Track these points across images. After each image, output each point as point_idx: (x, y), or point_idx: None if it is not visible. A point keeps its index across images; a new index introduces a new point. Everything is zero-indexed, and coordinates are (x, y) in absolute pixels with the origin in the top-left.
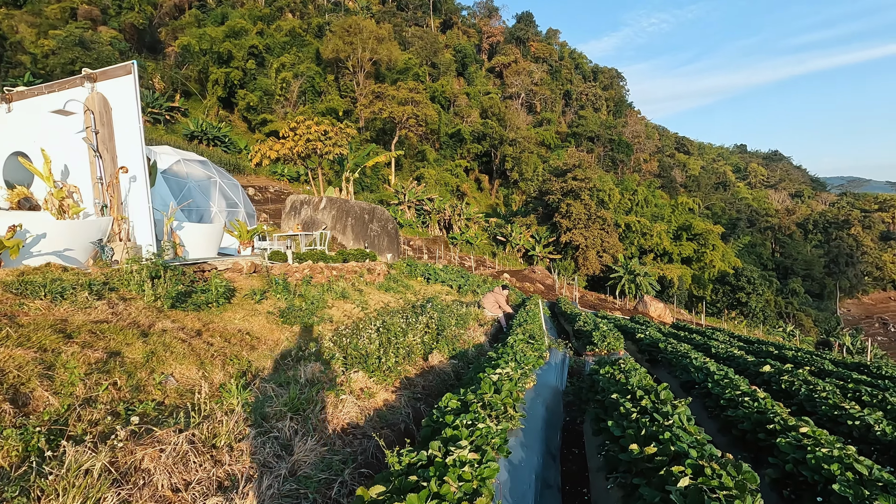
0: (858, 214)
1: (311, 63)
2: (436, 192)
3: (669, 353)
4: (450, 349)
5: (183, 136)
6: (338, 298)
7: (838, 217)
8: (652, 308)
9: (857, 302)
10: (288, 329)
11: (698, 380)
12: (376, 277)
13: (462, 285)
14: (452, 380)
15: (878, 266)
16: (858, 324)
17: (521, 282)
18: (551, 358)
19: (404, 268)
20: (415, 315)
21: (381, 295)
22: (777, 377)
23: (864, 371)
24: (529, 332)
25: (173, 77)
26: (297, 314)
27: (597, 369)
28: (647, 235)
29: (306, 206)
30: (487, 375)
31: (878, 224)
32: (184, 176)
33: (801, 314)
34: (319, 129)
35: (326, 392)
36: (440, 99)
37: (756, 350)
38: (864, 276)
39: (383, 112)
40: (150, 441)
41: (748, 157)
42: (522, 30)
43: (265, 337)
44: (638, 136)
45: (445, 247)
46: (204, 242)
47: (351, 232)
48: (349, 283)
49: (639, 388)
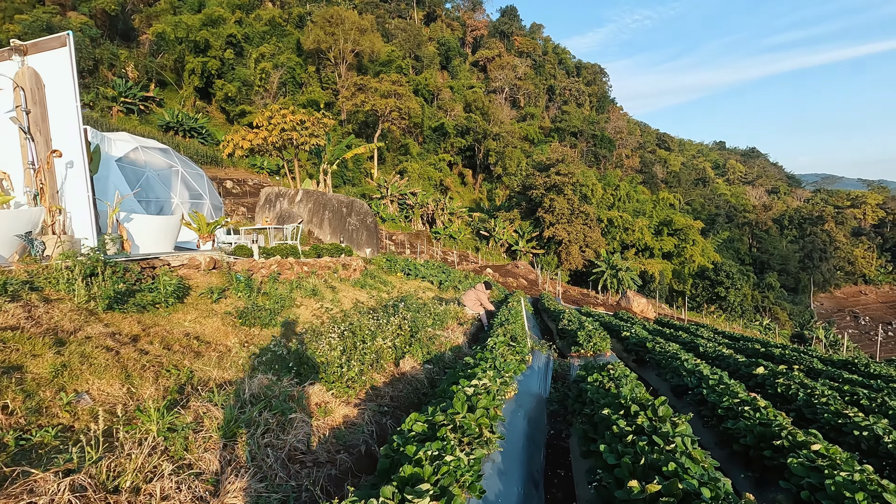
0: (832, 211)
1: (292, 54)
2: (419, 186)
3: (658, 354)
4: (424, 353)
5: (158, 126)
6: (307, 296)
7: (812, 213)
8: (635, 303)
9: (829, 296)
10: (246, 332)
11: (691, 385)
12: (352, 273)
13: (443, 281)
14: (426, 387)
15: (850, 261)
16: (831, 317)
17: (505, 277)
18: (534, 361)
19: (384, 263)
20: (386, 315)
21: (356, 292)
22: (772, 380)
23: (852, 369)
24: (511, 332)
25: (148, 66)
26: (259, 315)
27: (584, 376)
28: (629, 230)
29: (281, 199)
30: (461, 389)
31: (850, 220)
32: (142, 164)
33: (777, 308)
34: (295, 119)
35: (273, 411)
36: (423, 92)
37: (742, 348)
38: (837, 271)
39: (365, 105)
40: (21, 490)
41: (727, 154)
42: (506, 24)
43: (218, 341)
44: (620, 131)
45: (428, 241)
46: (157, 236)
47: (328, 226)
48: (322, 279)
49: (633, 401)
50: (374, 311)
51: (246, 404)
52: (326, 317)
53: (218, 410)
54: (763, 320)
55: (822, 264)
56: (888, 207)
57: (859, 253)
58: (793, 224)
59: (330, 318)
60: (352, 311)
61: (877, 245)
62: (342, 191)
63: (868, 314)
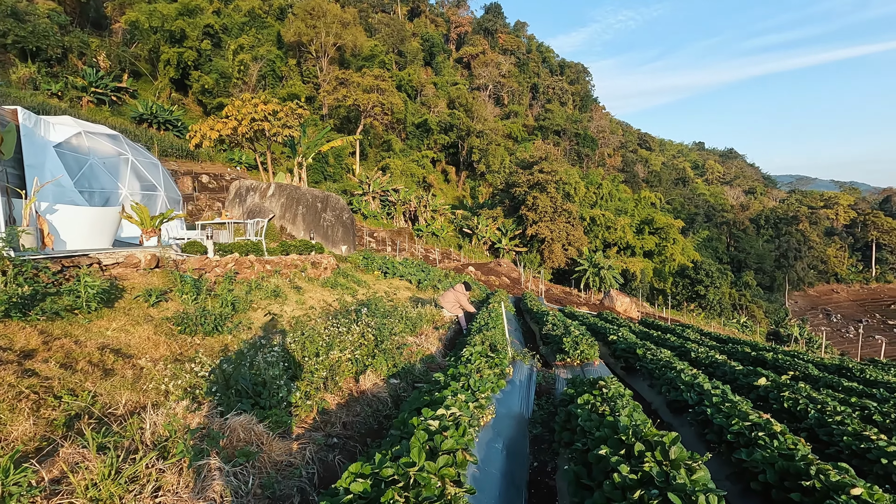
0: (806, 211)
1: (272, 46)
2: (401, 182)
3: (650, 363)
4: (390, 365)
5: (131, 118)
6: (267, 298)
7: (788, 213)
8: (618, 303)
9: (803, 294)
10: (184, 341)
11: (691, 401)
12: (322, 272)
13: (422, 280)
14: (389, 408)
15: (823, 260)
16: (805, 314)
17: (487, 275)
18: (515, 374)
19: (360, 261)
20: (348, 322)
21: (325, 293)
22: (777, 393)
23: (848, 375)
24: (490, 339)
25: (121, 56)
26: (204, 320)
27: (572, 395)
28: (612, 229)
29: (252, 193)
30: (423, 423)
31: (823, 220)
32: (85, 151)
33: (754, 306)
34: (267, 109)
35: (174, 456)
36: (407, 88)
37: (731, 351)
38: (811, 270)
39: (347, 99)
40: None
41: (706, 155)
42: (491, 21)
43: (144, 354)
44: (603, 130)
45: (410, 239)
46: (90, 230)
47: (302, 221)
48: (286, 279)
49: (636, 436)
50: (339, 316)
51: (140, 448)
52: (286, 321)
53: (96, 461)
54: (740, 318)
55: (796, 263)
56: (859, 208)
57: (832, 252)
58: (769, 224)
59: (292, 322)
60: (318, 314)
61: (848, 245)
62: (323, 186)
63: (840, 312)
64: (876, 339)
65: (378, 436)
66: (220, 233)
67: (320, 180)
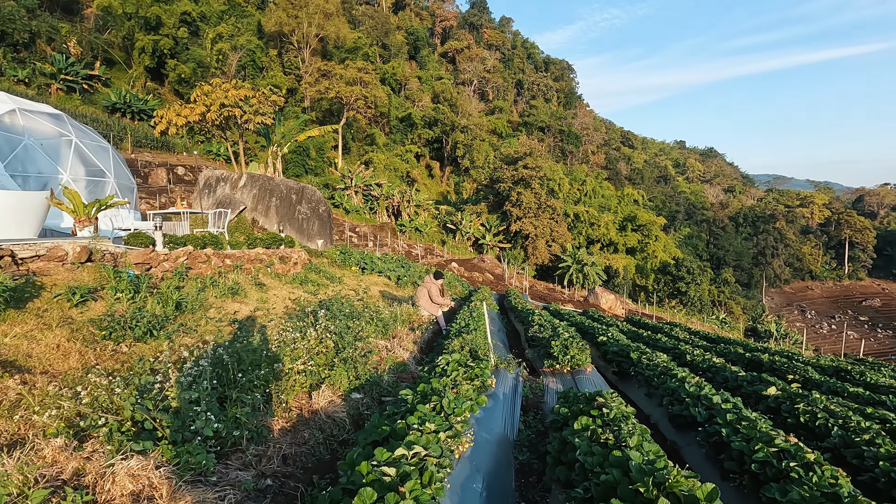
0: (783, 209)
1: (253, 36)
2: (385, 177)
3: (646, 369)
4: (352, 377)
5: (103, 107)
6: (224, 297)
7: (765, 212)
8: (603, 300)
9: (779, 291)
10: (107, 349)
11: (700, 418)
12: (291, 268)
13: (401, 276)
14: (347, 431)
15: (798, 258)
16: (781, 311)
17: (471, 271)
18: (498, 385)
19: (337, 256)
20: (303, 326)
21: (293, 290)
22: (790, 405)
23: (848, 378)
24: (470, 344)
25: (93, 42)
26: (136, 323)
27: (566, 415)
28: (595, 226)
29: (223, 184)
30: (375, 472)
31: (799, 219)
32: (19, 131)
33: (732, 302)
34: (238, 94)
35: None
36: (391, 81)
37: (724, 352)
38: (787, 267)
39: (330, 91)
40: None
41: (687, 153)
42: (476, 16)
43: (45, 367)
44: (587, 128)
45: (393, 234)
46: (8, 218)
47: (275, 214)
48: (249, 275)
49: (657, 485)
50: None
51: None
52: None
53: None
54: (719, 314)
55: (773, 261)
56: (833, 207)
57: (807, 250)
58: (747, 222)
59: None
60: (280, 314)
61: (822, 243)
62: (304, 180)
63: (814, 308)
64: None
65: (330, 469)
66: (177, 224)
67: (301, 173)
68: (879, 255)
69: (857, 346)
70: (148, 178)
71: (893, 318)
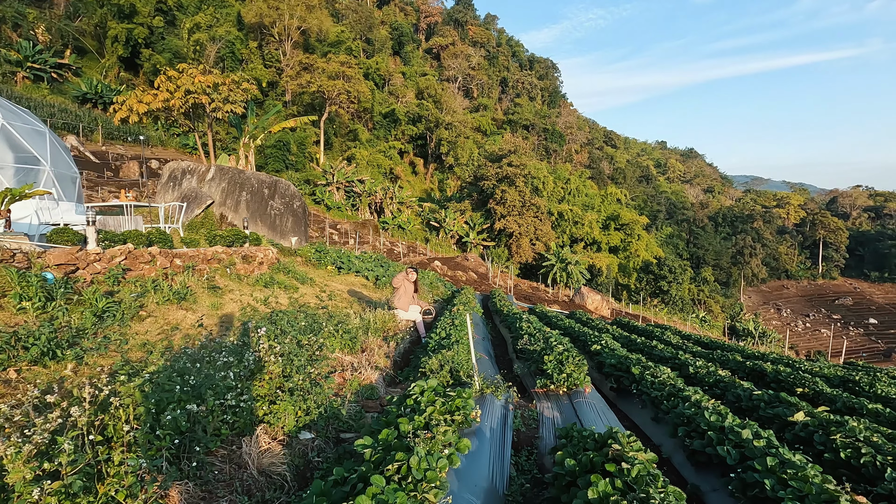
0: (760, 210)
1: (232, 27)
2: (367, 173)
3: (651, 387)
4: (301, 411)
5: (73, 97)
6: (167, 304)
7: (744, 212)
8: (589, 300)
9: (756, 289)
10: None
11: (731, 460)
12: (255, 268)
13: (380, 276)
14: (286, 492)
15: (775, 257)
16: (758, 309)
17: (454, 270)
18: (485, 417)
19: (312, 254)
20: (238, 348)
21: (257, 293)
22: (824, 435)
23: (859, 391)
24: (452, 362)
25: (63, 30)
26: (38, 341)
27: (571, 468)
28: (579, 224)
29: (189, 176)
30: None
31: (776, 219)
32: None
33: (711, 301)
34: (206, 80)
35: None
36: (374, 76)
37: (721, 358)
38: (764, 266)
39: (311, 85)
40: None
41: (668, 153)
42: (461, 12)
43: None
44: (570, 127)
45: (375, 231)
46: None
47: (245, 209)
48: (203, 276)
49: None
50: (240, 336)
51: None
52: (178, 337)
53: None
54: (699, 313)
55: (751, 260)
56: (808, 208)
57: (783, 250)
58: (726, 221)
59: (168, 345)
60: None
61: (798, 243)
62: (285, 175)
63: (789, 307)
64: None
65: None
66: (134, 220)
67: (282, 168)
68: (851, 255)
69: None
70: (119, 172)
71: (864, 317)
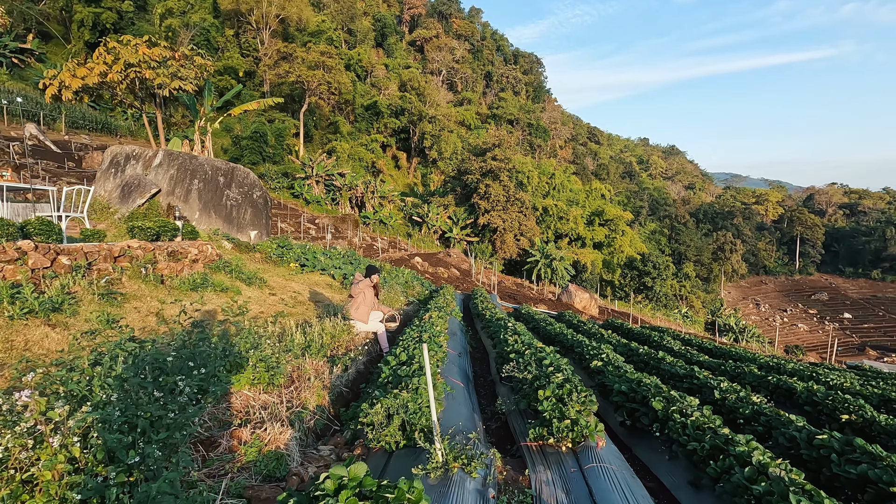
0: (740, 206)
1: (207, 14)
2: (348, 167)
3: (683, 433)
4: None
5: (34, 84)
6: (25, 318)
7: (724, 208)
8: (577, 299)
9: (736, 285)
10: None
11: None
12: (186, 267)
13: (348, 274)
14: None
15: (754, 253)
16: (737, 304)
17: (436, 266)
18: None
19: (273, 250)
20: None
21: (185, 299)
22: None
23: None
24: (405, 409)
25: (25, 13)
26: None
27: None
28: (564, 220)
29: (134, 162)
30: None
31: (755, 216)
32: None
33: (693, 296)
34: (152, 53)
35: None
36: (356, 68)
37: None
38: (744, 262)
39: (290, 75)
40: None
41: (650, 150)
42: (445, 4)
43: None
44: (555, 122)
45: (356, 226)
46: None
47: (197, 200)
48: (102, 279)
49: None
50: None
51: None
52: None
53: None
54: (681, 308)
55: (732, 256)
56: (786, 205)
57: (762, 246)
58: (707, 218)
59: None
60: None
61: (776, 239)
62: (261, 168)
63: (767, 302)
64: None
65: None
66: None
67: (259, 161)
68: (827, 251)
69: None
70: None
71: (839, 311)
